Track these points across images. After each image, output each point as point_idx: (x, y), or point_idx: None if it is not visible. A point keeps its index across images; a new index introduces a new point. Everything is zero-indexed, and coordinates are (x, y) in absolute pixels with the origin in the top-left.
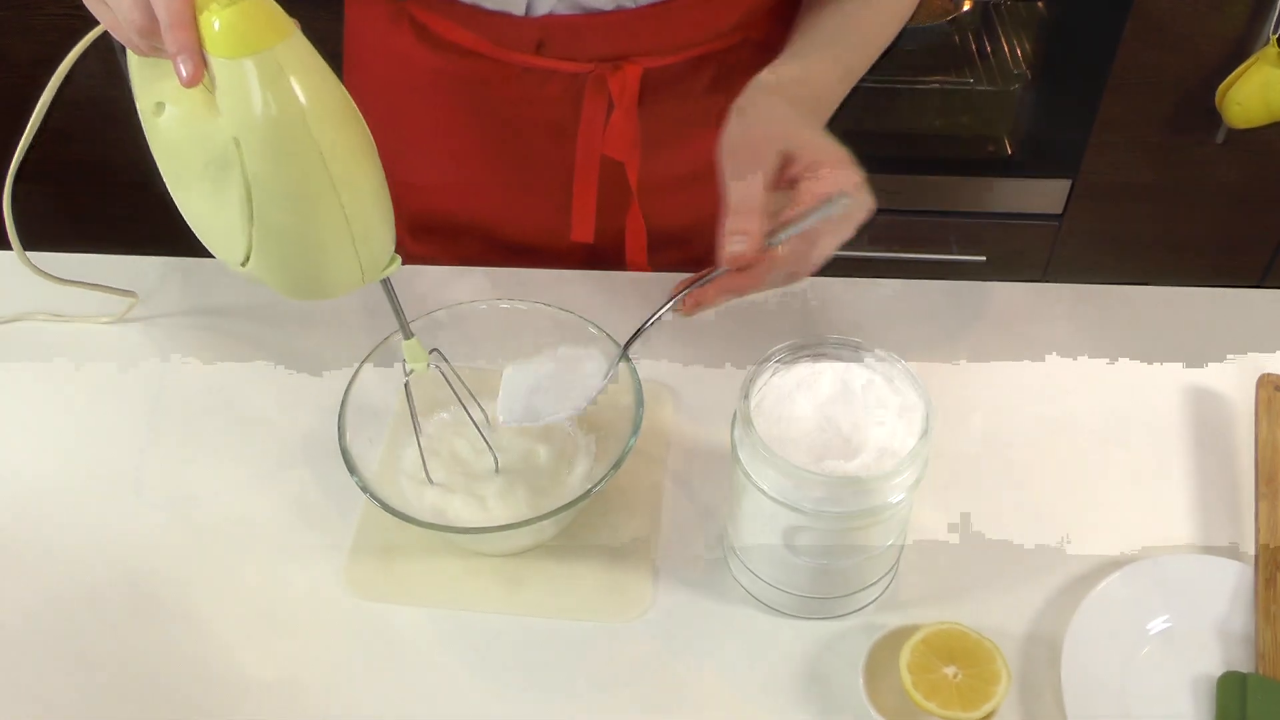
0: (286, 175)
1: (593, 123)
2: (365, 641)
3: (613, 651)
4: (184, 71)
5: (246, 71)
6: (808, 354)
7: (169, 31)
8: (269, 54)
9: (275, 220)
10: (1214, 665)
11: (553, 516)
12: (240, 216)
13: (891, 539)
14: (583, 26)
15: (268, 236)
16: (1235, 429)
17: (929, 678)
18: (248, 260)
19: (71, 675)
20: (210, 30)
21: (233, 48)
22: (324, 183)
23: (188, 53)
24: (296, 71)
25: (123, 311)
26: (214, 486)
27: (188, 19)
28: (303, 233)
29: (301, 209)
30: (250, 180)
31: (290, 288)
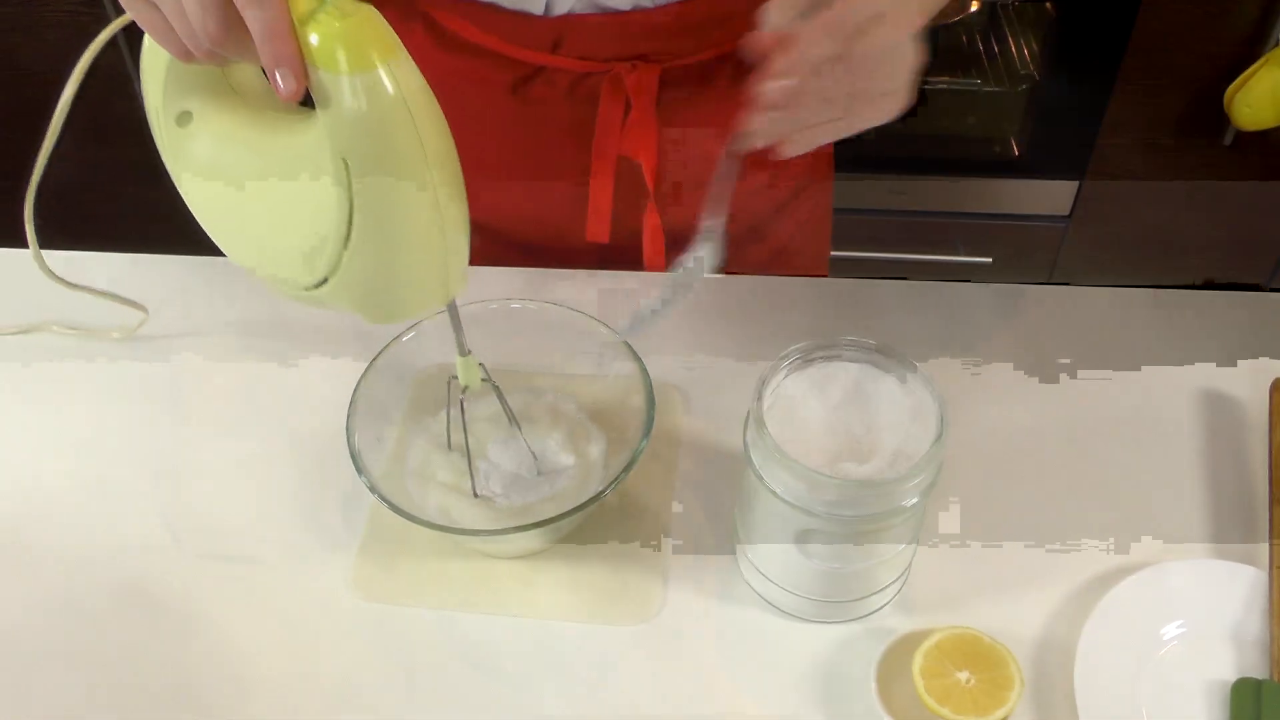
0: (395, 195)
1: (609, 122)
2: (372, 643)
3: (622, 654)
4: (286, 86)
5: (366, 88)
6: (821, 355)
7: (266, 42)
8: (387, 70)
9: (373, 240)
10: (1228, 671)
11: (561, 520)
12: (329, 237)
13: (904, 542)
14: (600, 26)
15: (361, 257)
16: (1248, 433)
17: (942, 682)
18: (324, 283)
19: (79, 676)
20: (318, 44)
21: (351, 63)
22: (431, 204)
23: (289, 65)
24: (412, 89)
25: (134, 327)
26: (220, 486)
27: (287, 29)
28: (400, 254)
29: (404, 230)
30: (355, 201)
31: (372, 309)
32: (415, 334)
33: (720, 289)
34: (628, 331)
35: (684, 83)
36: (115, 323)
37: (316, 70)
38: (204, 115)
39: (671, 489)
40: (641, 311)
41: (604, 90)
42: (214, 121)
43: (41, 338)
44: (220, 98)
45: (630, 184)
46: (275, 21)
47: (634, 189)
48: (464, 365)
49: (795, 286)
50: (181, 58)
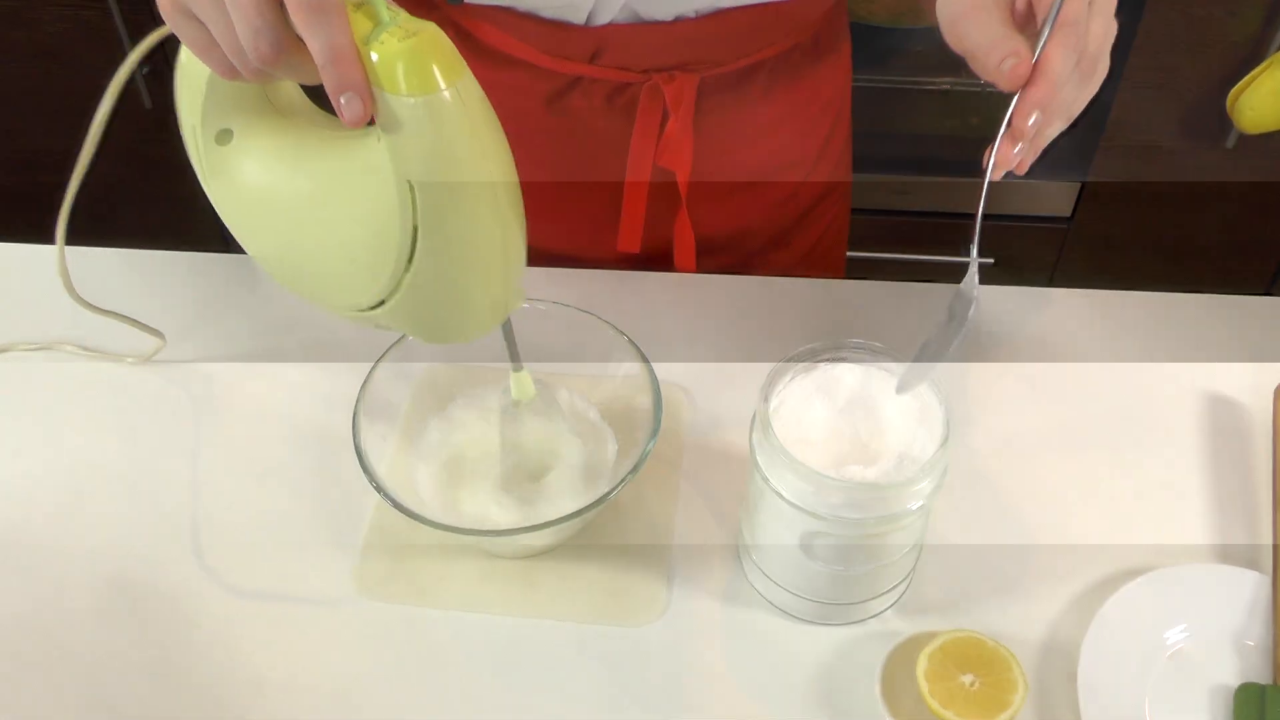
0: (462, 218)
1: (646, 132)
2: (375, 643)
3: (626, 656)
4: (352, 112)
5: (433, 111)
6: (827, 357)
7: (331, 66)
8: (453, 91)
9: (436, 263)
10: (1231, 676)
11: (568, 520)
12: (391, 260)
13: (909, 545)
14: (641, 36)
15: (422, 279)
16: (1252, 438)
17: (946, 686)
18: (381, 305)
19: (82, 674)
20: (380, 64)
21: (416, 84)
22: (495, 226)
23: (356, 90)
24: (478, 110)
25: (150, 353)
26: (223, 484)
27: (353, 53)
28: (463, 274)
29: (469, 251)
30: (420, 224)
31: (431, 331)
32: None
33: (724, 290)
34: (905, 381)
35: (721, 91)
36: (128, 347)
37: (380, 92)
38: (245, 133)
39: (676, 490)
40: (922, 355)
41: (642, 100)
42: (257, 140)
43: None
44: (262, 115)
45: (661, 193)
46: (340, 45)
47: (665, 198)
48: (517, 380)
49: (799, 287)
50: (226, 76)
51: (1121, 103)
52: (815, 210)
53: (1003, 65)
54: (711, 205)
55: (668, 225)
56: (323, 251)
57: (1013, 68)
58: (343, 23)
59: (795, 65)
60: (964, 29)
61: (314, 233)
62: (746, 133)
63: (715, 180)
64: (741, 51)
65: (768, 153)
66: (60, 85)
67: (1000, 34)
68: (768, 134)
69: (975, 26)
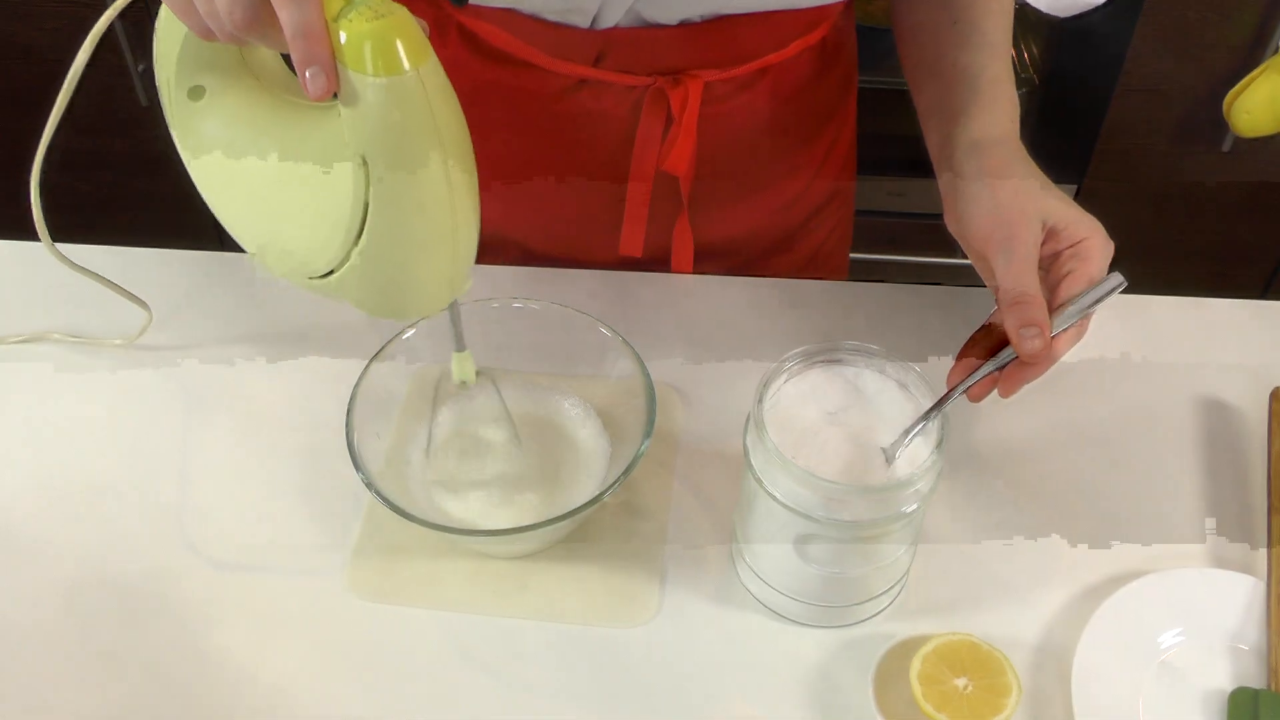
0: (412, 199)
1: (649, 137)
2: (367, 644)
3: (618, 657)
4: (315, 87)
5: (394, 92)
6: (822, 359)
7: (299, 40)
8: (416, 74)
9: (385, 239)
10: (1226, 680)
11: (560, 522)
12: (341, 232)
13: (903, 548)
14: (646, 39)
15: (371, 254)
16: (1247, 442)
17: (939, 689)
18: (330, 274)
19: (72, 674)
20: (348, 43)
21: (380, 65)
22: (446, 208)
23: (321, 65)
24: (439, 96)
25: (136, 334)
26: (214, 485)
27: (321, 29)
28: (410, 254)
29: (417, 232)
30: (371, 200)
31: (377, 305)
32: (414, 332)
33: (718, 291)
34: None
35: (725, 96)
36: (117, 330)
37: (344, 69)
38: (218, 91)
39: (669, 491)
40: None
41: (646, 104)
42: (228, 99)
43: (42, 347)
44: (236, 75)
45: (664, 197)
46: (310, 20)
47: (668, 202)
48: (459, 361)
49: (795, 289)
50: (201, 36)
51: (1118, 106)
52: (818, 216)
53: (1023, 333)
54: (714, 210)
55: (669, 230)
56: (279, 215)
57: (1033, 344)
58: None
59: (802, 70)
60: (991, 254)
61: (272, 196)
62: (750, 138)
63: (718, 185)
64: (747, 56)
65: (771, 158)
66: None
67: (1025, 291)
68: (771, 140)
69: (1005, 264)
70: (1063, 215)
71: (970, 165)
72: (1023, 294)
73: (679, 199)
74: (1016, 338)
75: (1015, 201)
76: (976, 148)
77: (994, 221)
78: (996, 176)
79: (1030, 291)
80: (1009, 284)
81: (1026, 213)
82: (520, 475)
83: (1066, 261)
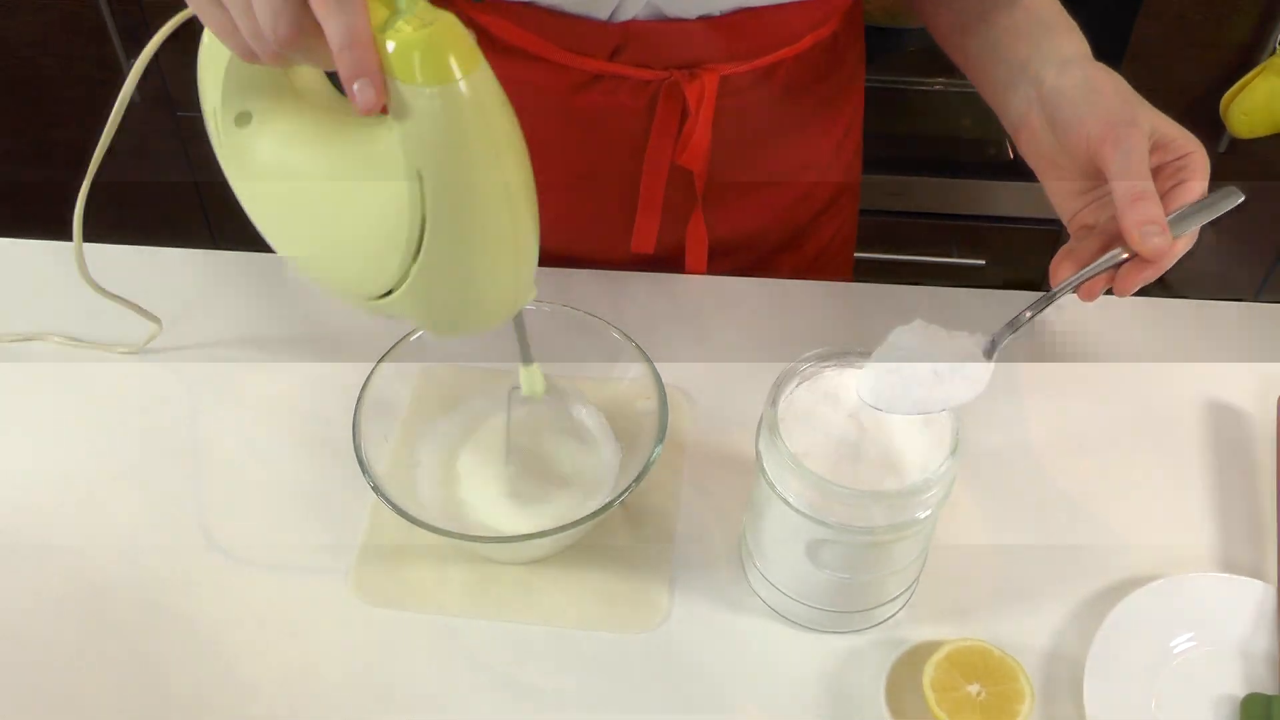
0: (470, 211)
1: (665, 131)
2: (371, 649)
3: (626, 663)
4: (365, 100)
5: (446, 101)
6: (835, 363)
7: (346, 51)
8: (468, 82)
9: (444, 254)
10: (1237, 686)
11: (570, 529)
12: (399, 249)
13: (916, 553)
14: (664, 33)
15: (431, 270)
16: (1256, 445)
17: (952, 695)
18: (391, 293)
19: (73, 676)
20: (396, 53)
21: (430, 74)
22: (505, 218)
23: (369, 77)
24: (493, 103)
25: (143, 342)
26: (216, 484)
27: (369, 39)
28: (471, 267)
29: (476, 244)
30: (429, 215)
31: (439, 321)
32: (422, 334)
33: (727, 292)
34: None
35: (741, 90)
36: (123, 335)
37: (393, 80)
38: (265, 116)
39: (678, 495)
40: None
41: (662, 98)
42: (276, 123)
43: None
44: (282, 99)
45: (677, 193)
46: (357, 30)
47: (681, 198)
48: (528, 374)
49: (803, 290)
50: (245, 58)
51: None
52: (827, 211)
53: (1146, 230)
54: (727, 206)
55: (682, 226)
56: (334, 237)
57: (1157, 241)
58: (360, 9)
59: (814, 64)
60: (1107, 154)
61: (326, 218)
62: (765, 132)
63: (732, 180)
64: (763, 49)
65: (785, 152)
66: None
67: (1148, 188)
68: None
69: (1123, 162)
70: (1168, 129)
71: (1068, 78)
72: (1145, 190)
73: (692, 195)
74: (1139, 235)
75: (1125, 108)
76: (1069, 64)
77: (1107, 123)
78: (1100, 85)
79: (1151, 189)
80: (1129, 181)
81: (1138, 118)
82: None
83: (1172, 174)
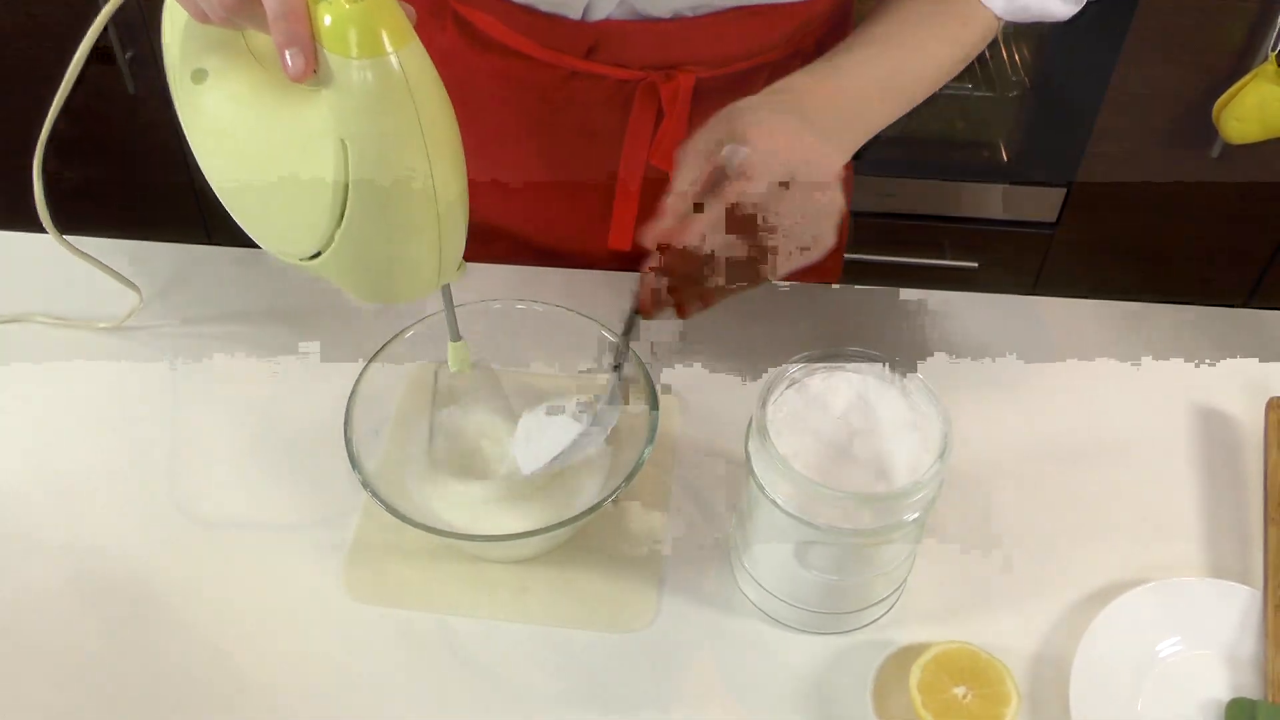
0: (393, 182)
1: (640, 131)
2: (361, 646)
3: (614, 662)
4: (295, 66)
5: (374, 74)
6: (825, 365)
7: (280, 20)
8: (397, 57)
9: (366, 223)
10: (1223, 690)
11: (559, 528)
12: (325, 213)
13: (904, 555)
14: (638, 33)
15: (354, 237)
16: (1244, 451)
17: (939, 698)
18: (318, 256)
19: (64, 674)
20: (330, 25)
21: (361, 47)
22: (428, 192)
23: (300, 46)
24: (421, 77)
25: (123, 317)
26: (208, 483)
27: (301, 9)
28: (393, 238)
29: (399, 215)
30: (351, 183)
31: (363, 289)
32: (415, 331)
33: None
34: (541, 467)
35: (718, 93)
36: (102, 313)
37: (324, 51)
38: (219, 74)
39: (667, 495)
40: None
41: (637, 98)
42: (228, 82)
43: (26, 328)
44: (237, 59)
45: (654, 192)
46: (290, 1)
47: (657, 197)
48: (455, 350)
49: (793, 292)
50: (197, 18)
51: (1107, 111)
52: None
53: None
54: None
55: None
56: (270, 197)
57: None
58: None
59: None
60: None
61: (264, 178)
62: None
63: None
64: (741, 54)
65: None
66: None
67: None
68: None
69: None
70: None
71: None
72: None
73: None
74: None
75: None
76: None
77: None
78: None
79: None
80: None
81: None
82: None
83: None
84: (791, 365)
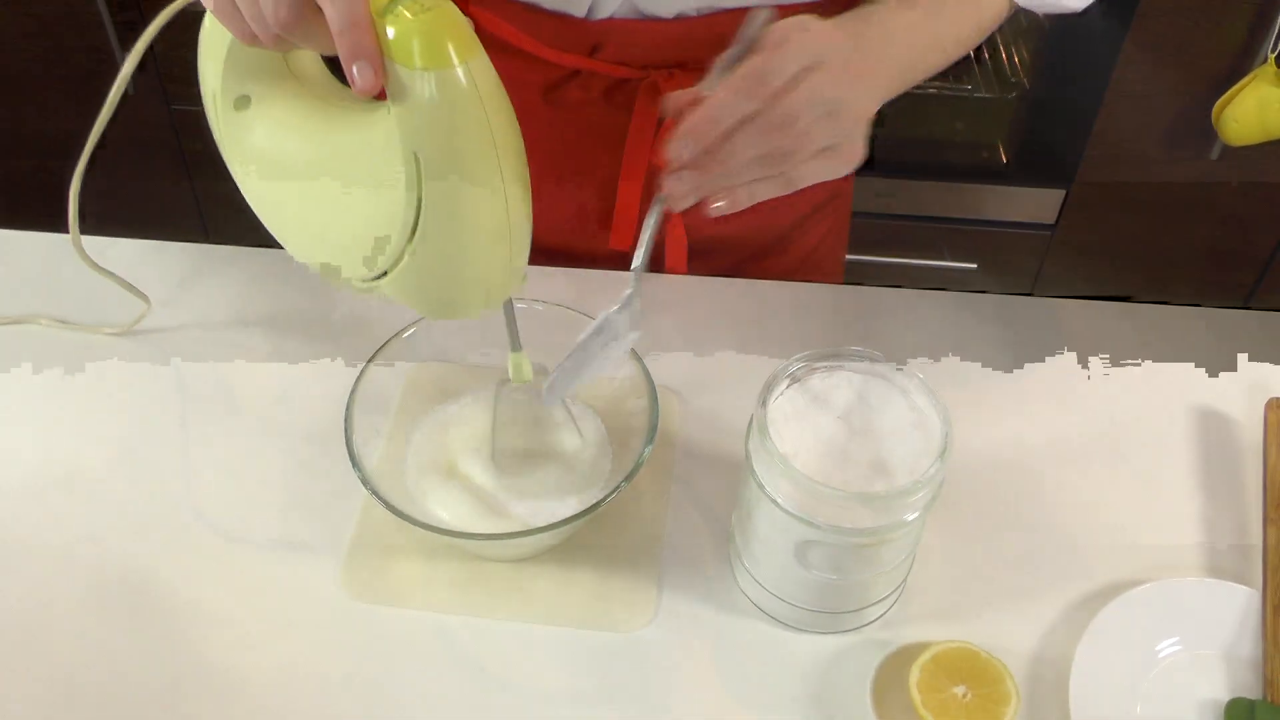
0: (466, 193)
1: (643, 130)
2: (360, 645)
3: (613, 661)
4: (363, 81)
5: (444, 85)
6: (826, 365)
7: (346, 34)
8: (465, 68)
9: (440, 237)
10: (1222, 690)
11: (559, 527)
12: (395, 231)
13: (903, 555)
14: (642, 31)
15: (426, 252)
16: (1243, 452)
17: (938, 697)
18: (383, 276)
19: (64, 673)
20: (395, 37)
21: (429, 58)
22: (500, 204)
23: (368, 59)
24: (488, 87)
25: (131, 323)
26: (207, 482)
27: (368, 22)
28: (464, 252)
29: (471, 226)
30: (424, 197)
31: (431, 304)
32: (414, 331)
33: (719, 293)
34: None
35: None
36: (110, 319)
37: (392, 64)
38: (263, 100)
39: (668, 494)
40: (561, 371)
41: (640, 97)
42: (274, 107)
43: (32, 330)
44: (281, 83)
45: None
46: (356, 13)
47: None
48: (515, 361)
49: (795, 291)
50: (246, 41)
51: (1107, 112)
52: (814, 215)
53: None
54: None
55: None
56: (330, 220)
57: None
58: None
59: None
60: None
61: (323, 201)
62: None
63: None
64: None
65: None
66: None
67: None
68: None
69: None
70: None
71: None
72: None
73: None
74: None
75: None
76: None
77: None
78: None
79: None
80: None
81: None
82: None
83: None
84: (792, 364)
